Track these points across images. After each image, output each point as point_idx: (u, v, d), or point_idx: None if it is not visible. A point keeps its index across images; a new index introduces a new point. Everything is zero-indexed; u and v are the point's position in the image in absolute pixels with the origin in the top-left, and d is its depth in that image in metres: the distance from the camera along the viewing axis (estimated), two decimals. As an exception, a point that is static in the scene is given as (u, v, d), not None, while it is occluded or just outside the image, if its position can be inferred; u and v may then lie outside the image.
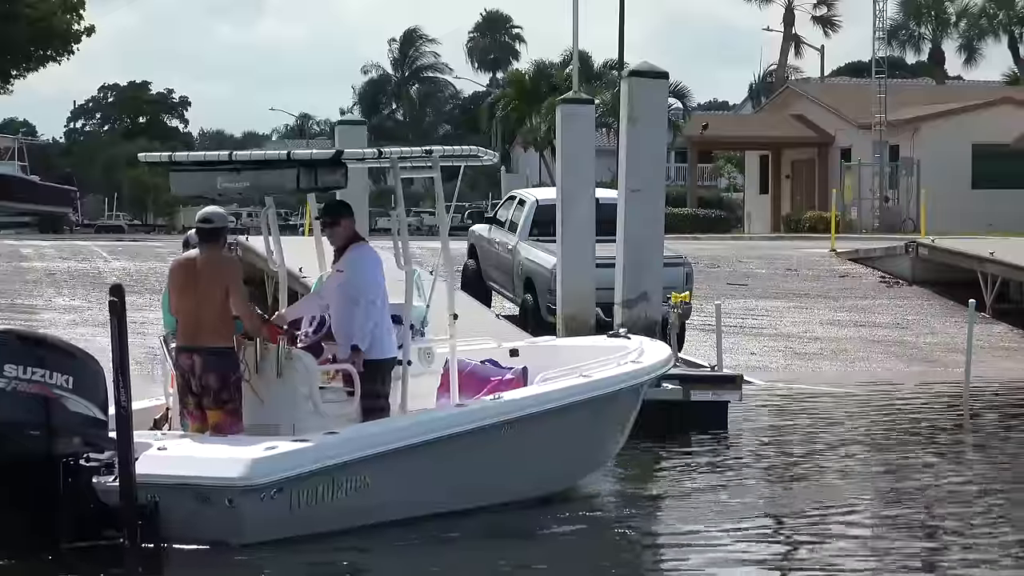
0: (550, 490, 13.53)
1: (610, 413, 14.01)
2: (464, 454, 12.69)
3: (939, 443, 18.28)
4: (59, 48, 59.87)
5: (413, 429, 12.54)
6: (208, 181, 12.88)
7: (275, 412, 12.61)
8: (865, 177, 54.60)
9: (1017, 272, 29.26)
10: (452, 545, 12.05)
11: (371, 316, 12.71)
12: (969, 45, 76.00)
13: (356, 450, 12.03)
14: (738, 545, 12.34)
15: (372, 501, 12.07)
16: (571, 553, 12.28)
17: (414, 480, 12.39)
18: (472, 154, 14.08)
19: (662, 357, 14.88)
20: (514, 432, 13.02)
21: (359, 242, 13.08)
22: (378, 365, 12.83)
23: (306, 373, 12.65)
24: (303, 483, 11.66)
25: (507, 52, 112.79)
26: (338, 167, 12.65)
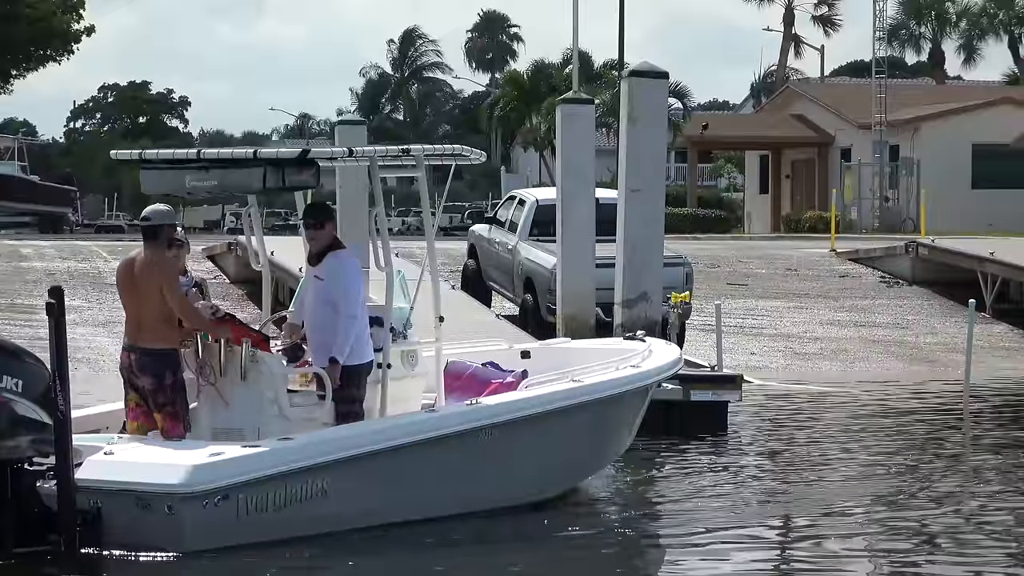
0: (540, 496, 13.29)
1: (603, 418, 13.70)
2: (436, 460, 12.42)
3: (939, 443, 18.27)
4: (59, 48, 59.87)
5: (375, 435, 12.27)
6: (177, 179, 12.65)
7: (240, 416, 12.41)
8: (865, 177, 54.60)
9: (1017, 272, 29.26)
10: (448, 548, 12.00)
11: (351, 330, 12.46)
12: (969, 45, 76.00)
13: (312, 456, 11.76)
14: (738, 546, 12.34)
15: (332, 509, 11.83)
16: (570, 554, 12.26)
17: (379, 487, 12.14)
18: (457, 153, 13.81)
19: (665, 362, 14.58)
20: (496, 438, 12.77)
21: (339, 248, 12.85)
22: (354, 370, 12.58)
23: (272, 376, 12.44)
24: (251, 490, 11.42)
25: (505, 52, 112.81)
26: (307, 166, 12.43)
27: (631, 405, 14.11)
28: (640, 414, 14.43)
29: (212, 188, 12.85)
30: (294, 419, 12.41)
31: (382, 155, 13.35)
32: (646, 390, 14.26)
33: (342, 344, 12.42)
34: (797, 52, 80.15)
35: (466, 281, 27.21)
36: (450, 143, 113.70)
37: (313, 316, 12.72)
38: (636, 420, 14.42)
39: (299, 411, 12.52)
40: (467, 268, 27.67)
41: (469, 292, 26.13)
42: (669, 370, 14.69)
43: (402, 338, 13.35)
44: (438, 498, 12.45)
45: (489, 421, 12.72)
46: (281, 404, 12.44)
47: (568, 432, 13.30)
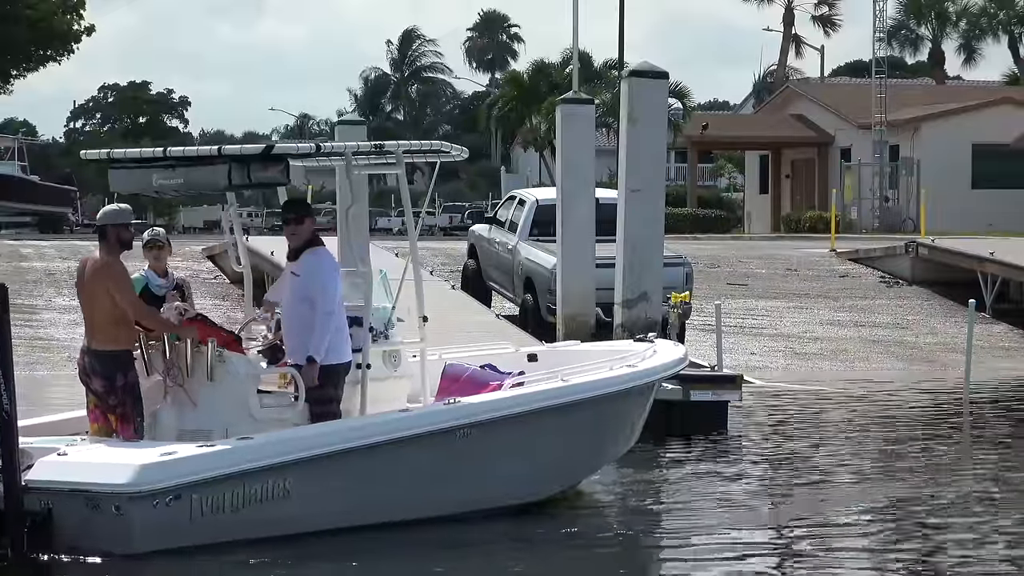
0: (527, 499, 12.99)
1: (594, 418, 13.37)
2: (409, 460, 12.19)
3: (939, 443, 18.27)
4: (59, 48, 59.86)
5: (338, 435, 12.01)
6: (145, 178, 12.46)
7: (207, 417, 12.19)
8: (865, 177, 54.61)
9: (1017, 272, 29.27)
10: (446, 550, 11.94)
11: (327, 327, 12.23)
12: (969, 45, 76.01)
13: (271, 456, 11.55)
14: (738, 546, 12.34)
15: (296, 510, 11.63)
16: (569, 554, 12.25)
17: (347, 488, 11.92)
18: (436, 149, 13.46)
19: (663, 362, 14.25)
20: (474, 438, 12.50)
21: (317, 245, 12.58)
22: (331, 369, 12.35)
23: (239, 377, 12.23)
24: (205, 490, 11.22)
25: (505, 52, 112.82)
26: (274, 163, 12.19)
27: (626, 405, 13.76)
28: (640, 415, 14.14)
29: (179, 187, 12.62)
30: (264, 420, 12.18)
31: (353, 151, 13.05)
32: (644, 390, 13.93)
33: (318, 342, 12.21)
34: (797, 52, 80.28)
35: (466, 281, 27.23)
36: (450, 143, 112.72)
37: (290, 313, 12.52)
38: (635, 421, 14.10)
39: (270, 412, 12.30)
40: (467, 268, 27.69)
41: (469, 292, 26.15)
42: (667, 371, 14.36)
43: (383, 338, 13.14)
44: (413, 499, 12.24)
45: (464, 421, 12.46)
46: (250, 405, 12.22)
47: (554, 433, 13.02)
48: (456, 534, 12.20)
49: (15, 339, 26.54)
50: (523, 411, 12.81)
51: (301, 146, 12.78)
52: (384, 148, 13.11)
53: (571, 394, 13.14)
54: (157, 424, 12.35)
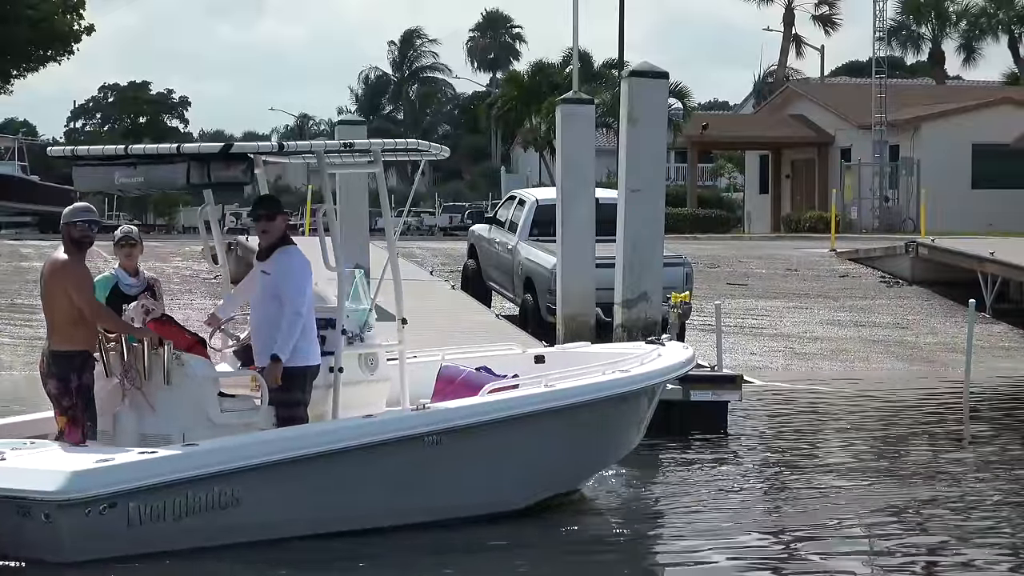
0: (507, 507, 12.66)
1: (579, 424, 12.99)
2: (371, 467, 11.90)
3: (939, 443, 18.28)
4: (59, 48, 59.85)
5: (291, 441, 11.68)
6: (108, 176, 12.17)
7: (166, 422, 11.89)
8: (865, 177, 54.64)
9: (1017, 272, 29.28)
10: (443, 554, 11.85)
11: (295, 328, 11.93)
12: (969, 45, 76.02)
13: (217, 463, 11.23)
14: (738, 546, 12.33)
15: (248, 518, 11.35)
16: (568, 555, 12.24)
17: (304, 495, 11.62)
18: (414, 147, 13.05)
19: (661, 366, 13.88)
20: (444, 445, 12.17)
21: (289, 244, 12.31)
22: (297, 372, 12.04)
23: (197, 380, 11.92)
24: (144, 498, 10.93)
25: (507, 52, 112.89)
26: (236, 162, 11.92)
27: (617, 410, 13.36)
28: (635, 420, 13.78)
29: (140, 185, 12.24)
30: (225, 425, 11.91)
31: (319, 149, 12.63)
32: (637, 395, 13.52)
33: (284, 342, 11.92)
34: (797, 52, 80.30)
35: (466, 281, 27.24)
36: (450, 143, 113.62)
37: (258, 312, 12.26)
38: (629, 426, 13.73)
39: (231, 416, 12.01)
40: (467, 268, 27.70)
41: (469, 292, 26.17)
42: (664, 375, 13.94)
43: (358, 340, 12.82)
44: (379, 507, 11.97)
45: (433, 428, 12.13)
46: (208, 409, 11.93)
47: (534, 439, 12.69)
48: (455, 536, 12.14)
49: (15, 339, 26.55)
50: (496, 418, 12.48)
51: (262, 145, 12.49)
52: (354, 146, 12.79)
53: (549, 401, 12.78)
54: (117, 428, 12.07)
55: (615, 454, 13.98)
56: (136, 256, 13.06)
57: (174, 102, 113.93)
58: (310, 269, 12.27)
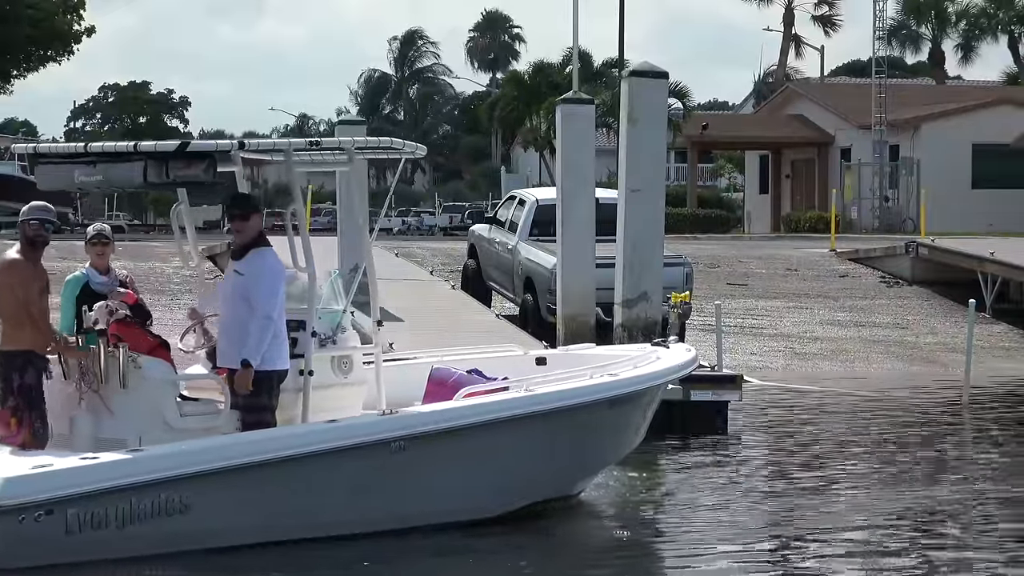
0: (482, 514, 12.37)
1: (560, 430, 12.65)
2: (331, 473, 11.57)
3: (939, 443, 18.28)
4: (59, 48, 59.83)
5: (243, 448, 11.38)
6: (69, 175, 11.91)
7: (123, 426, 11.65)
8: (865, 177, 54.65)
9: (1017, 272, 29.28)
10: (440, 557, 11.82)
11: (266, 332, 11.65)
12: (968, 44, 76.03)
13: (163, 469, 10.95)
14: (737, 547, 12.33)
15: (195, 526, 11.09)
16: (568, 557, 12.25)
17: (259, 502, 11.36)
18: (387, 146, 12.72)
19: (653, 370, 13.51)
20: (411, 451, 11.85)
21: (263, 245, 12.02)
22: (264, 376, 11.73)
23: (153, 383, 11.70)
24: (83, 504, 10.66)
25: (507, 52, 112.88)
26: (196, 160, 11.62)
27: (603, 415, 12.98)
28: (627, 423, 13.41)
29: (99, 183, 11.96)
30: (184, 429, 11.66)
31: (287, 147, 12.31)
32: (628, 399, 13.15)
33: (255, 346, 11.63)
34: (797, 52, 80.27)
35: (466, 281, 27.24)
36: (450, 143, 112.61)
37: (227, 312, 11.98)
38: (620, 430, 13.38)
39: (191, 421, 11.77)
40: (467, 268, 27.70)
41: (469, 292, 26.16)
42: (656, 379, 13.54)
43: (331, 343, 12.49)
44: (342, 514, 11.69)
45: (399, 433, 11.83)
46: (165, 413, 11.71)
47: (509, 445, 12.37)
48: (453, 539, 12.07)
49: (15, 339, 26.40)
50: (466, 424, 12.17)
51: (222, 143, 12.04)
52: (321, 144, 12.53)
53: (524, 406, 12.43)
54: (72, 432, 11.83)
55: (605, 459, 13.65)
56: (108, 255, 12.85)
57: (174, 102, 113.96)
58: (284, 272, 12.01)
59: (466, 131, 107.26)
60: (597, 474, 13.88)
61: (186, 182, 11.90)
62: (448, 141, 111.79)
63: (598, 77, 60.41)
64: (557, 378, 13.04)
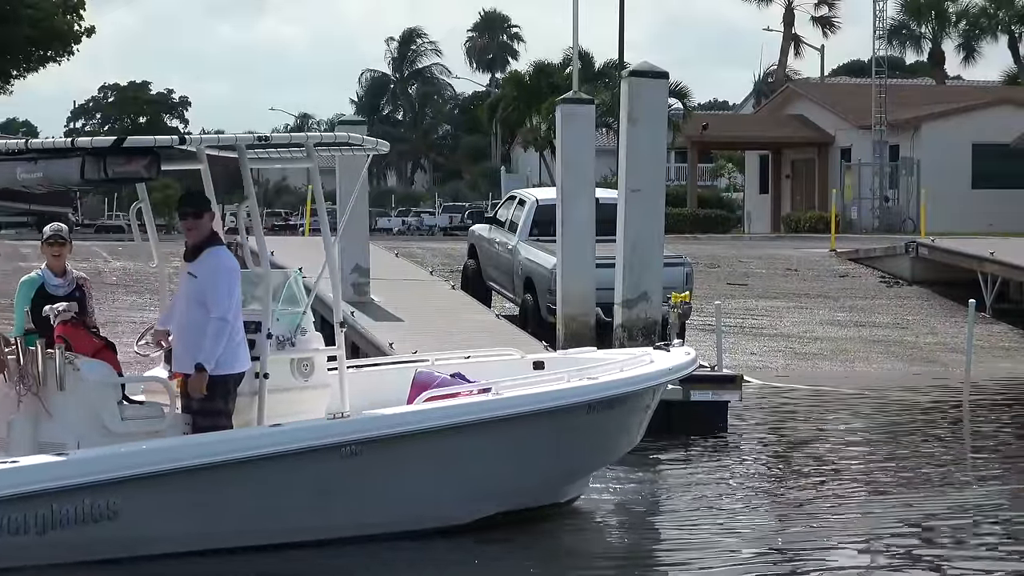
0: (447, 522, 12.02)
1: (531, 435, 12.23)
2: (274, 480, 11.22)
3: (939, 443, 18.28)
4: (59, 48, 59.85)
5: (175, 452, 11.06)
6: (10, 172, 11.54)
7: (61, 429, 11.32)
8: (865, 177, 54.66)
9: (1017, 272, 29.27)
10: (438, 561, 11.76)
11: (222, 334, 11.31)
12: (969, 44, 76.03)
13: (88, 474, 10.62)
14: (738, 547, 12.33)
15: (124, 532, 10.79)
16: (567, 558, 12.24)
17: (196, 509, 11.03)
18: (346, 142, 12.39)
19: (638, 374, 13.03)
20: (365, 457, 11.49)
21: (217, 244, 11.68)
22: (220, 380, 11.39)
23: (91, 386, 11.37)
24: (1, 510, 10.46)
25: (506, 52, 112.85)
26: (137, 156, 11.25)
27: (580, 420, 12.49)
28: (612, 427, 12.91)
29: (40, 180, 11.56)
30: (125, 433, 11.30)
31: (241, 143, 11.93)
32: (607, 403, 12.63)
33: (211, 349, 11.29)
34: (797, 52, 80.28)
35: (466, 281, 27.22)
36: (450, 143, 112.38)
37: (182, 316, 11.62)
38: (604, 434, 12.88)
39: (133, 424, 11.43)
40: (467, 268, 27.69)
41: (469, 292, 26.14)
42: (640, 383, 13.00)
43: (290, 345, 12.06)
44: (290, 521, 11.37)
45: (349, 437, 11.45)
46: (103, 416, 11.35)
47: (473, 451, 11.99)
48: (450, 541, 11.98)
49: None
50: (422, 428, 11.77)
51: (160, 138, 11.62)
52: (271, 141, 12.20)
53: (485, 411, 12.02)
54: (10, 435, 11.50)
55: (590, 465, 13.28)
56: (65, 256, 12.56)
57: (174, 102, 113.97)
58: (239, 271, 11.69)
59: (466, 131, 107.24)
60: (585, 481, 13.46)
61: (125, 178, 11.59)
62: (448, 141, 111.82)
63: (599, 78, 60.40)
64: (531, 382, 12.60)
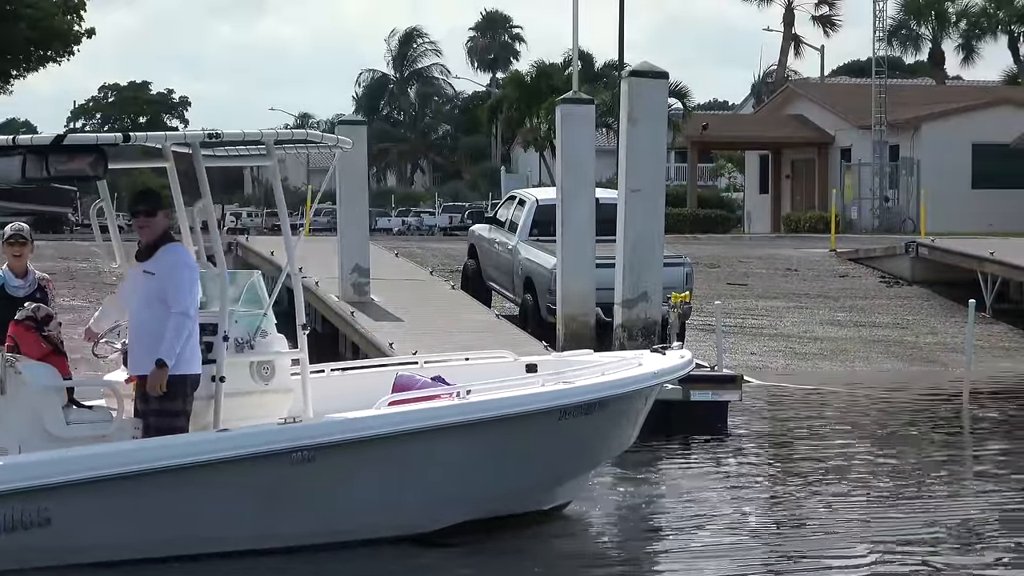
0: (412, 530, 11.71)
1: (500, 441, 11.85)
2: (219, 486, 10.95)
3: (939, 443, 18.27)
4: (59, 48, 59.85)
5: (115, 457, 10.79)
6: None
7: (2, 434, 11.14)
8: (865, 177, 54.65)
9: (1017, 272, 29.28)
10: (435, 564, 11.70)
11: (182, 330, 11.05)
12: (969, 44, 76.02)
13: (16, 480, 10.41)
14: (738, 547, 12.33)
15: (58, 540, 10.56)
16: (567, 558, 12.24)
17: (134, 517, 10.77)
18: (305, 139, 12.08)
19: (616, 378, 12.55)
20: (320, 463, 11.15)
21: (172, 242, 11.43)
22: (179, 380, 11.12)
23: (35, 389, 11.19)
24: None
25: (507, 52, 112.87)
26: (80, 154, 11.06)
27: (554, 426, 12.10)
28: (593, 432, 12.48)
29: None
30: (71, 438, 11.13)
31: (194, 140, 11.64)
32: (584, 408, 12.20)
33: (171, 344, 11.01)
34: (797, 52, 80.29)
35: (466, 281, 27.23)
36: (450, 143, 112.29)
37: (140, 317, 11.27)
38: (583, 439, 12.43)
39: (80, 429, 11.22)
40: (467, 268, 27.70)
41: (469, 292, 26.15)
42: (614, 388, 12.47)
43: (249, 347, 11.77)
44: (238, 528, 11.08)
45: (300, 443, 11.10)
46: (46, 421, 11.15)
47: (435, 457, 11.64)
48: (448, 543, 11.96)
49: (15, 339, 26.27)
50: (380, 434, 11.42)
51: (103, 136, 11.36)
52: (223, 138, 11.76)
53: (446, 416, 11.66)
54: None
55: (569, 470, 12.76)
56: (26, 256, 12.34)
57: (174, 102, 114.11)
58: (197, 268, 11.49)
59: (466, 131, 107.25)
60: (575, 486, 13.11)
61: (67, 177, 11.45)
62: (448, 141, 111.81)
63: (599, 78, 60.40)
64: (507, 386, 12.19)
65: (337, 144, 12.26)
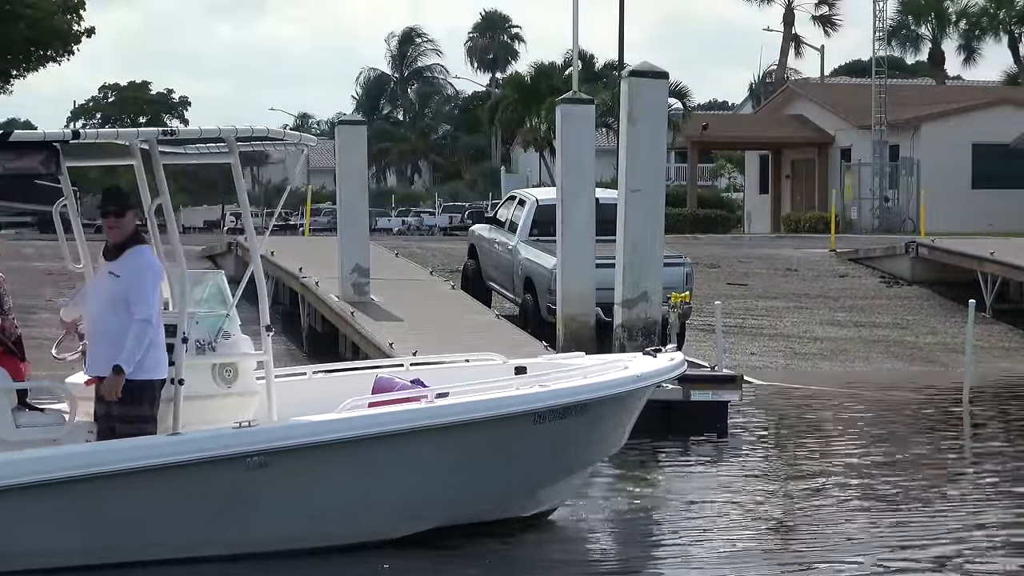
0: (377, 536, 11.45)
1: (462, 447, 11.54)
2: (170, 490, 10.70)
3: (939, 443, 18.28)
4: (59, 48, 59.85)
5: (53, 462, 10.52)
6: None
7: None
8: (865, 177, 54.65)
9: (1017, 272, 29.28)
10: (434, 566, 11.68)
11: (144, 336, 10.82)
12: (969, 45, 76.06)
13: None
14: (738, 547, 12.33)
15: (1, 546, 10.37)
16: (564, 555, 12.24)
17: (78, 523, 10.56)
18: (268, 136, 11.76)
19: (593, 382, 12.25)
20: (277, 467, 10.90)
21: (140, 244, 11.19)
22: (145, 385, 10.92)
23: None
24: None
25: (506, 52, 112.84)
26: (28, 151, 10.92)
27: (528, 430, 11.79)
28: (572, 437, 12.12)
29: None
30: (20, 441, 10.89)
31: (151, 137, 11.37)
32: (561, 412, 11.88)
33: (132, 351, 10.78)
34: (797, 52, 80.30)
35: (466, 281, 27.24)
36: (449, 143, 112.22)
37: (102, 318, 11.06)
38: (562, 443, 12.07)
39: (29, 432, 11.00)
40: (467, 268, 27.71)
41: (469, 292, 26.16)
42: (591, 392, 12.10)
43: (210, 349, 11.50)
44: (189, 534, 10.84)
45: (253, 447, 10.84)
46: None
47: (400, 462, 11.32)
48: (445, 544, 11.89)
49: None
50: (338, 439, 11.11)
51: (51, 133, 11.12)
52: (179, 135, 11.56)
53: (410, 420, 11.34)
54: None
55: (549, 476, 12.41)
56: None
57: (174, 102, 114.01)
58: (162, 272, 11.22)
59: (466, 131, 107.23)
60: (562, 492, 12.79)
61: (17, 174, 11.21)
62: (448, 141, 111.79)
63: (598, 78, 60.39)
64: (483, 389, 11.93)
65: (300, 141, 12.02)
